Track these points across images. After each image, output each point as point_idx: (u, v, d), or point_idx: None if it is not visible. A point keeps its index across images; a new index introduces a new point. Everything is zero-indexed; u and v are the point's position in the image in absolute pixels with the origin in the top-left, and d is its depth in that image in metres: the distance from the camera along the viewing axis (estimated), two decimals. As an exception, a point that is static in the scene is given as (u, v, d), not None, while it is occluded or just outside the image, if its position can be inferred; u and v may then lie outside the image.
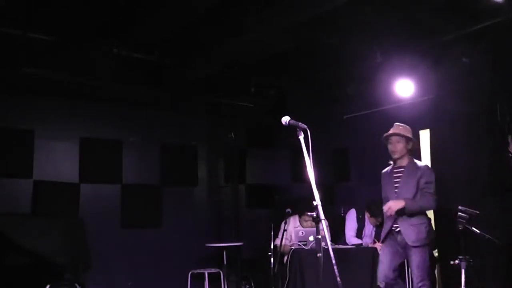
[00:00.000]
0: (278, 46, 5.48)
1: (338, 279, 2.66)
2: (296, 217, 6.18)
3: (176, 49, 5.55)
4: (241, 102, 6.96)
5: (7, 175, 5.73)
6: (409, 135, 4.71)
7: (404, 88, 5.91)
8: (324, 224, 2.86)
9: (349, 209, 6.34)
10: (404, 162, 4.68)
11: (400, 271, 4.76)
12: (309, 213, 2.97)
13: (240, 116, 7.49)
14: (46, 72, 5.36)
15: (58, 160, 6.16)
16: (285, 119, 3.24)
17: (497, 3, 4.39)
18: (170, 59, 5.71)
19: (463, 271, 4.19)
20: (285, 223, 5.84)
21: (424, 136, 6.54)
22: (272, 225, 5.89)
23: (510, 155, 4.94)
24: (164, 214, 6.83)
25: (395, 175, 4.67)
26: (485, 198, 4.92)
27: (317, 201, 2.88)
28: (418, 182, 4.53)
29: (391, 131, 4.71)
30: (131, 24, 4.97)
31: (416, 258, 4.47)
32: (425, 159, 6.51)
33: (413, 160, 4.71)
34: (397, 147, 4.65)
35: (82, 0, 4.47)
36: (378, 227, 6.04)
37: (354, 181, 7.07)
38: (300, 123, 3.15)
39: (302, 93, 6.83)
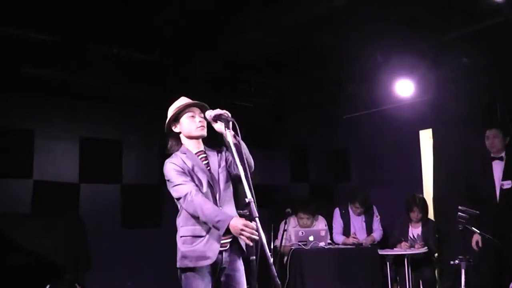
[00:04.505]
0: (278, 46, 5.48)
1: (277, 279, 2.53)
2: (296, 217, 6.17)
3: (176, 49, 5.55)
4: (241, 102, 6.95)
5: (7, 175, 5.71)
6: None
7: (404, 88, 5.92)
8: (258, 222, 2.53)
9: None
10: (201, 145, 3.29)
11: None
12: (240, 211, 2.62)
13: (240, 116, 7.46)
14: (46, 72, 5.34)
15: (58, 160, 6.14)
16: (210, 113, 2.86)
17: (497, 3, 4.39)
18: (170, 59, 5.70)
19: (463, 271, 4.20)
20: (285, 223, 5.84)
21: (424, 136, 6.55)
22: (272, 225, 5.89)
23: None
24: (164, 214, 6.80)
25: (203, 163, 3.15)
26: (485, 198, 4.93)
27: (249, 197, 2.50)
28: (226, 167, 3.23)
29: (188, 101, 3.27)
30: (131, 24, 4.97)
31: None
32: (426, 159, 6.52)
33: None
34: (204, 122, 3.17)
35: (82, 0, 4.47)
36: (367, 218, 6.08)
37: (354, 181, 7.07)
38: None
39: (302, 93, 6.83)
